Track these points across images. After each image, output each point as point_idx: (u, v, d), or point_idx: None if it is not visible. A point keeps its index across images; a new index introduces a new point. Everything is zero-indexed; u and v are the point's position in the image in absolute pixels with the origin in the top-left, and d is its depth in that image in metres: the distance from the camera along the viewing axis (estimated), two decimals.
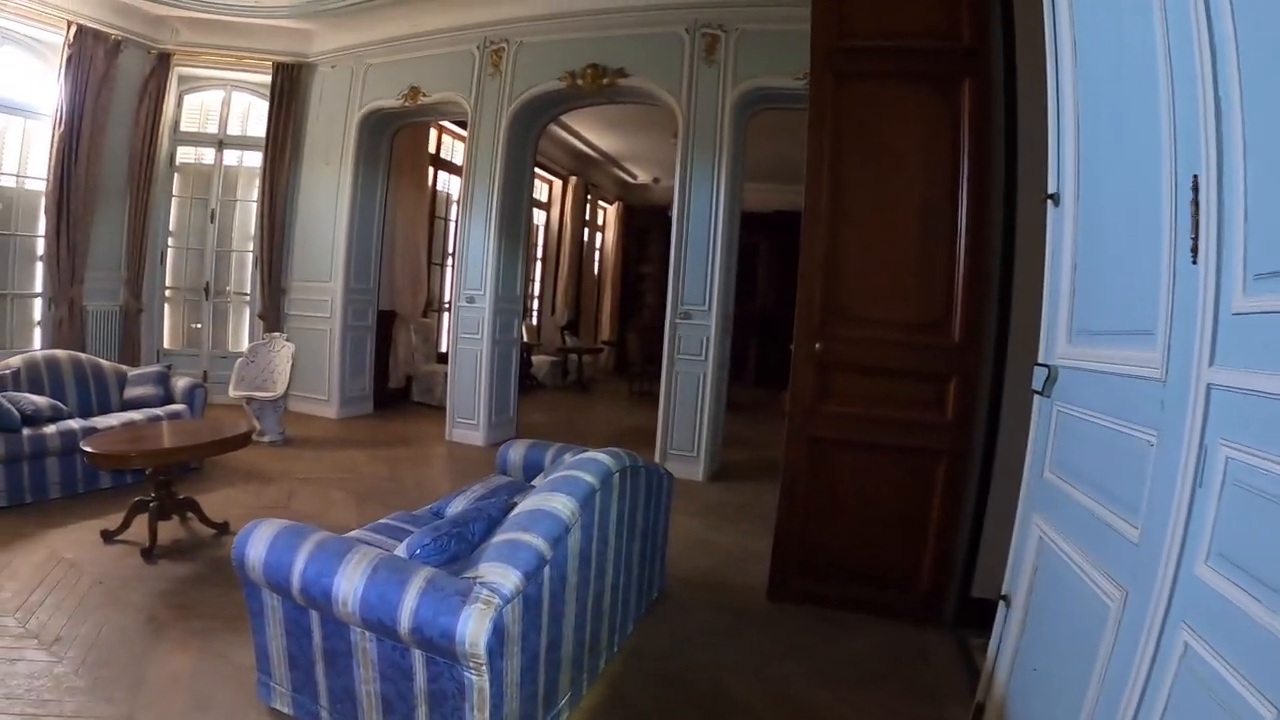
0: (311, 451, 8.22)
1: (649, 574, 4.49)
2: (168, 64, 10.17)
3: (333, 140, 10.08)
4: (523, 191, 9.28)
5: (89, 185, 9.39)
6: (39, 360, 6.93)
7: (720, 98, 7.66)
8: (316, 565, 2.91)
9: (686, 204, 7.78)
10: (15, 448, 5.82)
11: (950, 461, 4.48)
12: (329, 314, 10.10)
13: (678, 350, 7.83)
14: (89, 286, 9.63)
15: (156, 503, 5.27)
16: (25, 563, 4.81)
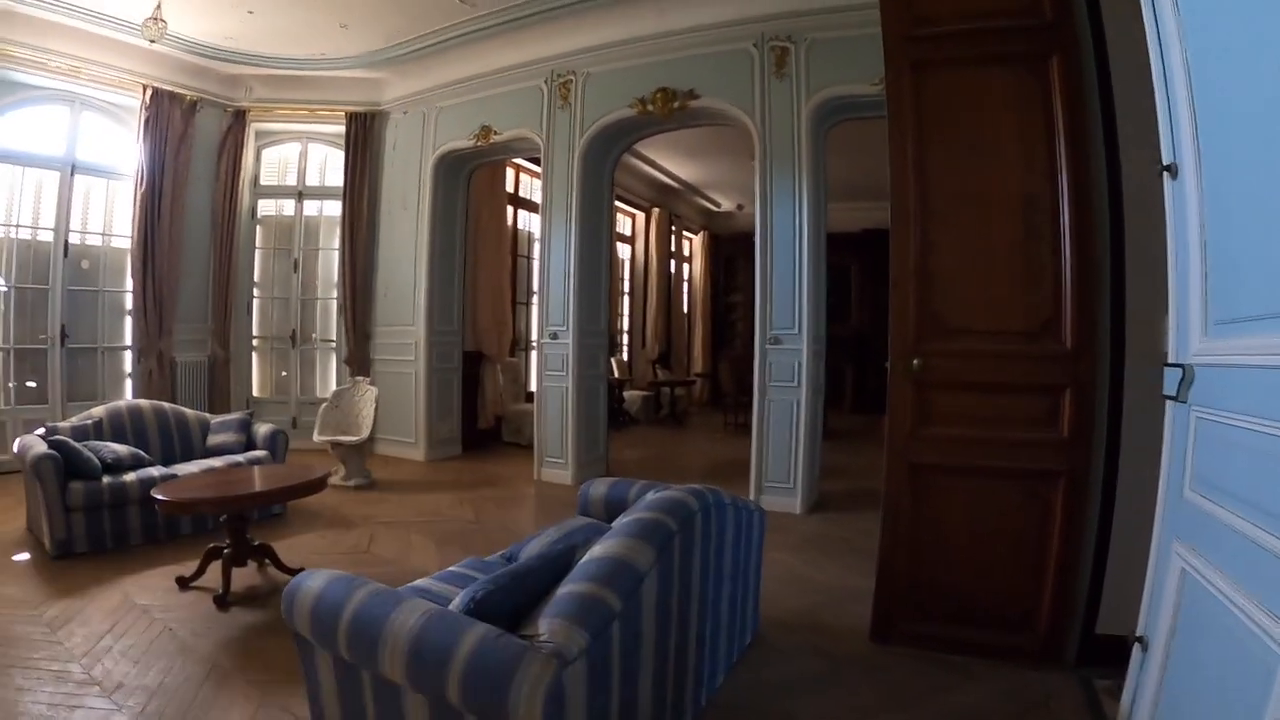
0: (396, 495, 8.08)
1: (740, 618, 4.10)
2: (244, 120, 10.37)
3: (409, 185, 10.07)
4: (602, 224, 9.06)
5: (173, 241, 9.63)
6: (122, 410, 7.03)
7: (795, 112, 7.31)
8: (364, 617, 2.64)
9: (769, 225, 7.45)
10: (95, 495, 5.89)
11: (1068, 483, 4.00)
12: (414, 357, 10.03)
13: (769, 378, 7.45)
14: (177, 338, 9.88)
15: (231, 549, 5.19)
16: (98, 609, 4.82)
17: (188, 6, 8.35)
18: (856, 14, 6.70)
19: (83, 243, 9.54)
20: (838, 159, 8.28)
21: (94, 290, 9.63)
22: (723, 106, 7.72)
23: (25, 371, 9.20)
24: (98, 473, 6.02)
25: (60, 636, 4.41)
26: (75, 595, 5.06)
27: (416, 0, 8.25)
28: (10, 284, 9.00)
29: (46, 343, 9.17)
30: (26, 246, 9.10)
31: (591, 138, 8.45)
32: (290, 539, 6.35)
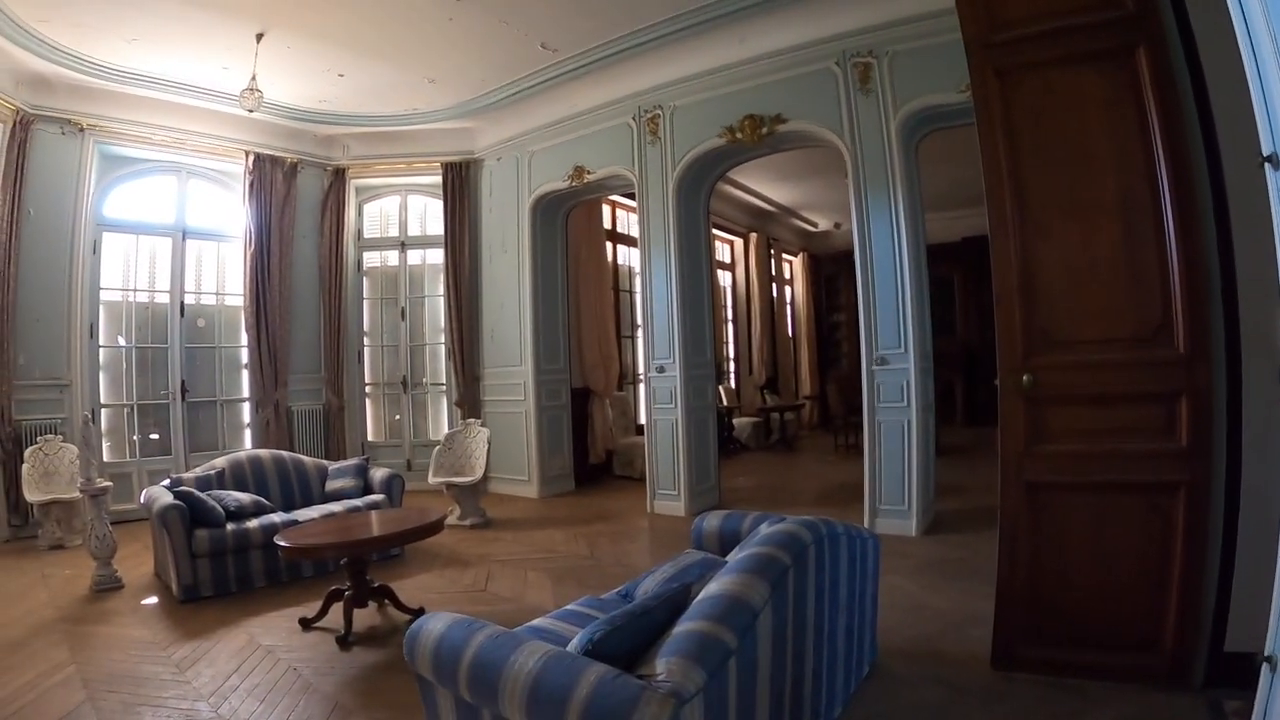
0: (511, 533, 8.19)
1: (857, 649, 4.00)
2: (344, 178, 10.83)
3: (508, 228, 10.28)
4: (701, 254, 9.05)
5: (283, 296, 10.08)
6: (243, 460, 7.33)
7: (884, 126, 7.19)
8: (484, 659, 2.70)
9: (867, 243, 7.33)
10: (220, 542, 6.20)
11: (1189, 495, 3.79)
12: (523, 396, 10.17)
13: (878, 399, 7.31)
14: (292, 388, 10.32)
15: (351, 590, 5.35)
16: (224, 650, 5.03)
17: (281, 75, 8.75)
18: (935, 22, 6.57)
19: (198, 302, 10.12)
20: (932, 169, 8.11)
21: (210, 346, 10.21)
22: (810, 128, 7.68)
23: (149, 425, 9.75)
24: (221, 520, 6.32)
25: (188, 676, 4.61)
26: (202, 637, 5.29)
27: (500, 50, 8.45)
28: (131, 342, 9.64)
29: (168, 398, 9.73)
30: (145, 308, 9.73)
31: (683, 170, 8.49)
32: (409, 579, 6.50)
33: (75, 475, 7.61)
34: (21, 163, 8.42)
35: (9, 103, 8.32)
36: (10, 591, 6.55)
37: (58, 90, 8.72)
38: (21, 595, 6.44)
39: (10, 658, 5.02)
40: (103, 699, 4.32)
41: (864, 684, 4.16)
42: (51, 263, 8.81)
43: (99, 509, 6.48)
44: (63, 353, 8.90)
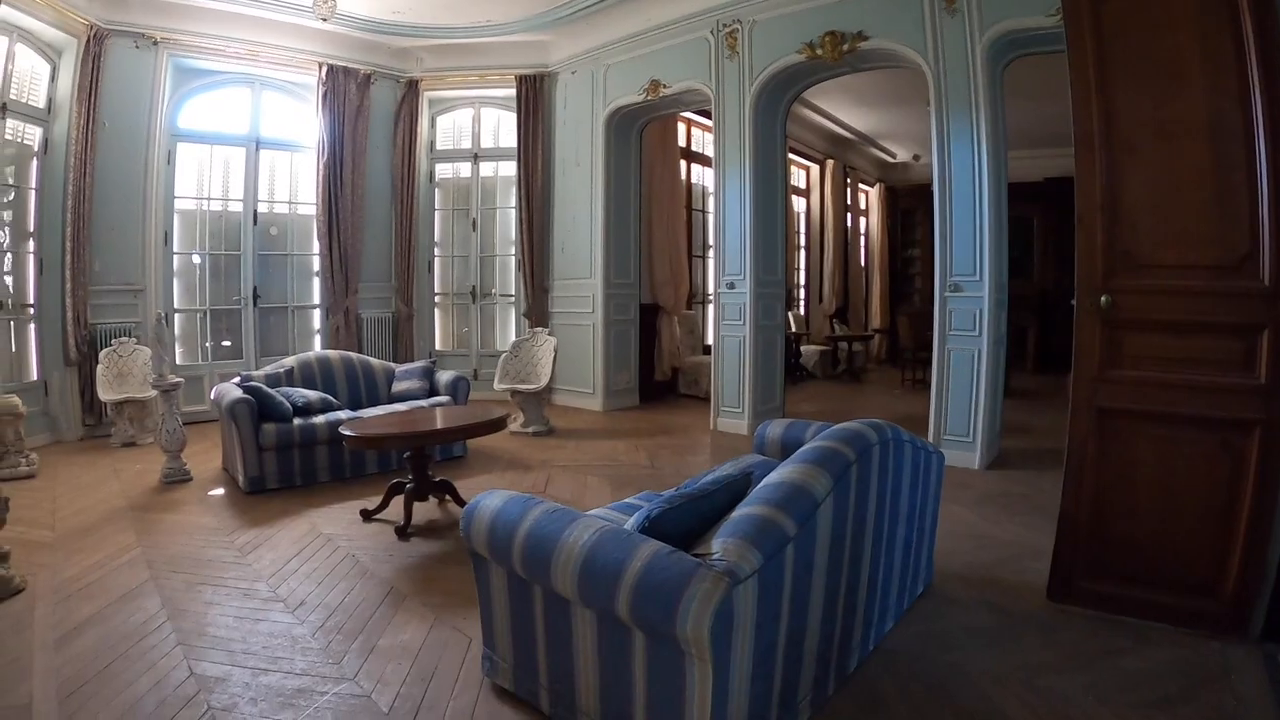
0: (573, 442, 8.27)
1: (913, 565, 3.95)
2: (417, 90, 10.78)
3: (581, 142, 10.18)
4: (776, 175, 8.88)
5: (355, 206, 10.16)
6: (311, 360, 7.54)
7: (969, 49, 6.86)
8: (538, 533, 2.74)
9: (947, 170, 7.07)
10: (286, 436, 6.42)
11: (1264, 435, 3.59)
12: (591, 310, 10.18)
13: (949, 327, 7.11)
14: (362, 296, 10.49)
15: (413, 484, 5.47)
16: (286, 537, 5.23)
17: None
18: None
19: (270, 211, 10.30)
20: (1016, 104, 7.80)
21: (283, 254, 10.40)
22: (893, 47, 7.37)
23: (221, 331, 10.05)
24: (289, 415, 6.51)
25: (249, 559, 4.79)
26: (265, 525, 5.49)
27: None
28: (205, 250, 9.90)
29: (240, 304, 9.98)
30: (218, 217, 9.94)
31: (761, 86, 8.28)
32: (470, 479, 6.64)
33: (148, 375, 7.86)
34: (96, 76, 8.53)
35: (82, 18, 8.40)
36: (83, 484, 6.78)
37: (131, 5, 8.82)
38: (94, 487, 6.66)
39: (80, 541, 5.23)
40: (165, 578, 4.49)
41: (918, 602, 4.13)
42: (126, 173, 8.98)
43: (170, 404, 6.70)
44: (137, 259, 9.13)
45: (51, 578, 4.58)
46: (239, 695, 3.18)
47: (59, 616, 4.02)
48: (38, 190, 8.43)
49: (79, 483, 6.81)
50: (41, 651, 3.62)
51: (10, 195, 8.31)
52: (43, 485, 6.74)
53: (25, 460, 7.01)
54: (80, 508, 6.04)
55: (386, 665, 3.43)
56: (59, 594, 4.33)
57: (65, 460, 7.67)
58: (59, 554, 5.01)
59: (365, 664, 3.44)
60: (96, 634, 3.78)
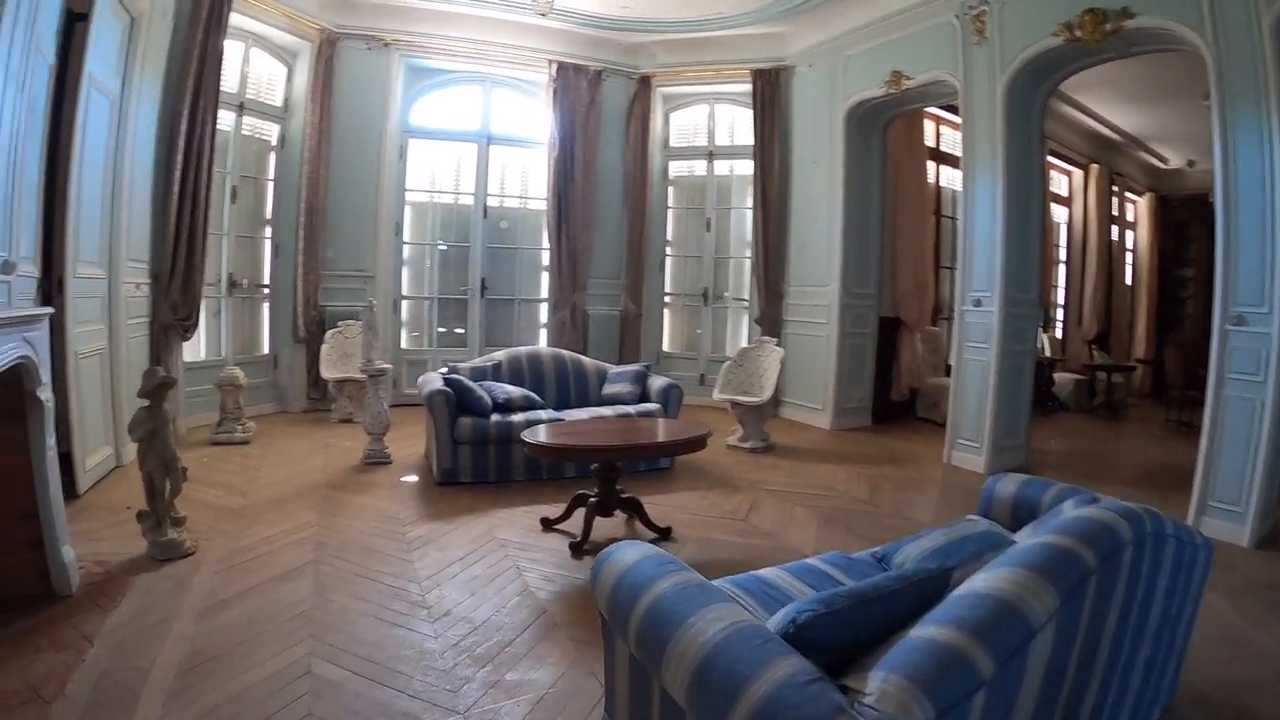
0: (791, 462, 7.63)
1: (1151, 689, 2.84)
2: (649, 86, 10.59)
3: (820, 140, 9.60)
4: (1032, 178, 7.82)
5: (585, 202, 10.09)
6: (522, 355, 7.42)
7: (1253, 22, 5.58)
8: (660, 611, 2.15)
9: (1231, 177, 5.79)
10: (482, 431, 6.28)
11: None
12: (826, 320, 9.50)
13: (1228, 367, 5.78)
14: (590, 293, 10.37)
15: (597, 498, 5.09)
16: (459, 536, 5.04)
17: None
18: None
19: (501, 205, 10.46)
20: None
21: (511, 247, 10.53)
22: (1163, 24, 6.24)
23: (449, 319, 10.33)
24: (487, 410, 6.39)
25: (414, 556, 4.62)
26: (443, 519, 5.35)
27: None
28: (435, 240, 10.25)
29: (467, 294, 10.19)
30: (449, 210, 10.31)
31: (1013, 75, 7.35)
32: (670, 494, 6.18)
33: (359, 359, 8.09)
34: (329, 77, 9.16)
35: (314, 24, 9.00)
36: (291, 455, 7.01)
37: (362, 10, 9.30)
38: (299, 460, 6.87)
39: (268, 512, 5.32)
40: (327, 563, 4.42)
41: None
42: (360, 167, 9.52)
43: (376, 389, 6.80)
44: (369, 248, 9.61)
45: (224, 546, 4.65)
46: (344, 707, 2.99)
47: (215, 585, 4.06)
48: (275, 181, 9.22)
49: (287, 454, 7.06)
50: (185, 618, 3.66)
51: (250, 186, 9.04)
52: (253, 452, 7.06)
53: (242, 428, 7.51)
54: (278, 479, 6.20)
55: (504, 703, 3.10)
56: (224, 563, 4.37)
57: (282, 430, 8.08)
58: (241, 522, 5.10)
59: (483, 698, 3.13)
60: (241, 611, 3.76)
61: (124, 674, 3.14)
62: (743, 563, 4.29)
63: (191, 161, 7.41)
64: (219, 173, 8.20)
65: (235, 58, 8.45)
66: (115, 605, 3.77)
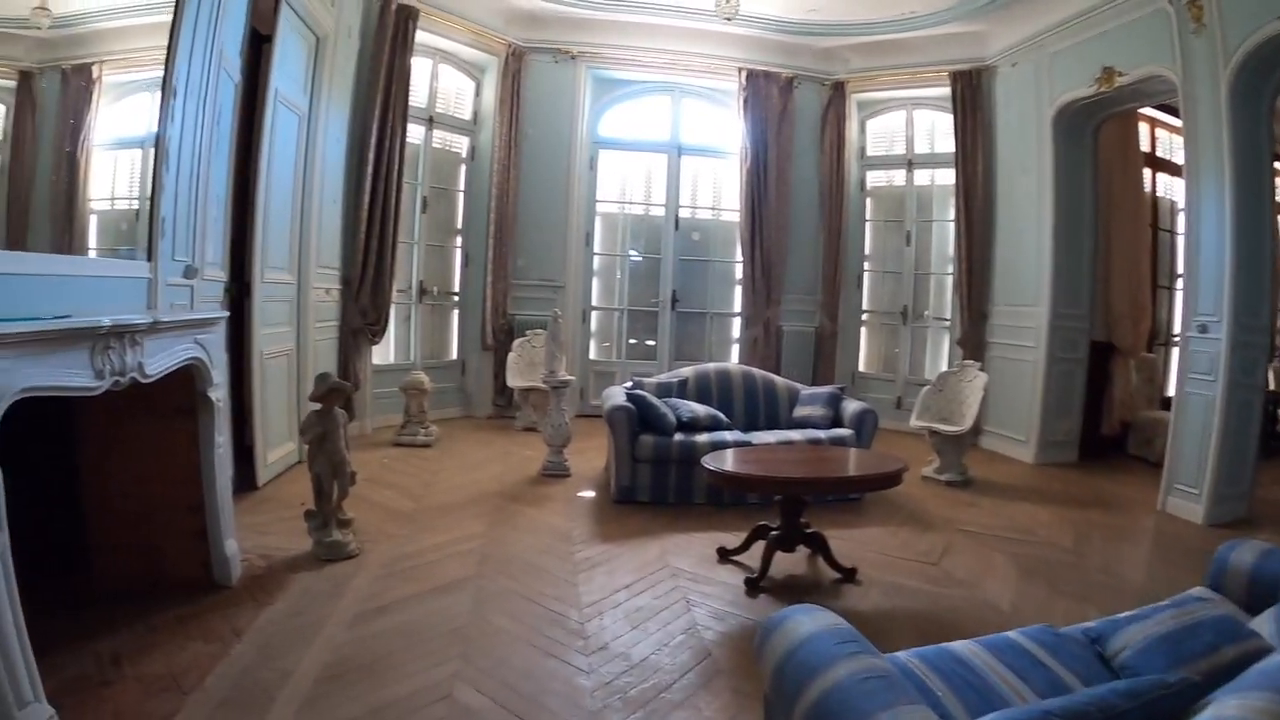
0: (989, 499, 6.89)
1: None
2: (843, 92, 10.20)
3: (1025, 145, 8.90)
4: (1261, 185, 6.80)
5: (779, 214, 9.82)
6: (710, 372, 7.14)
7: None
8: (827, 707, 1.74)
9: None
10: (664, 450, 6.03)
11: None
12: (1033, 343, 8.68)
13: None
14: (784, 308, 10.07)
15: (779, 532, 4.69)
16: (629, 560, 4.81)
17: None
18: None
19: (693, 217, 10.31)
20: None
21: (703, 260, 10.34)
22: None
23: (638, 331, 10.25)
24: (670, 429, 6.14)
25: (579, 580, 4.41)
26: (615, 541, 5.13)
27: None
28: (626, 252, 10.22)
29: (658, 306, 10.08)
30: (640, 220, 10.26)
31: (1238, 68, 6.42)
32: (858, 528, 5.68)
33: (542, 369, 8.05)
34: (517, 90, 9.35)
35: (501, 39, 9.22)
36: (470, 461, 7.06)
37: (548, 24, 9.42)
38: (478, 467, 6.90)
39: (437, 519, 5.32)
40: (489, 579, 4.31)
41: None
42: (549, 178, 9.65)
43: (559, 400, 6.73)
44: (558, 258, 9.71)
45: (389, 550, 4.65)
46: None
47: (373, 591, 4.03)
48: (465, 192, 9.56)
49: (466, 460, 7.11)
50: (336, 623, 3.65)
51: (441, 196, 9.39)
52: (433, 456, 7.17)
53: (425, 431, 7.71)
54: (453, 485, 6.23)
55: None
56: (385, 569, 4.36)
57: (465, 436, 8.20)
58: (409, 527, 5.10)
59: None
60: (394, 620, 3.70)
61: (265, 673, 3.13)
62: (932, 618, 3.97)
63: (381, 173, 7.75)
64: (409, 184, 8.58)
65: (424, 73, 8.82)
66: (271, 602, 3.83)
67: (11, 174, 3.54)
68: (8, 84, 3.42)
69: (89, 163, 4.00)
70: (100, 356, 2.92)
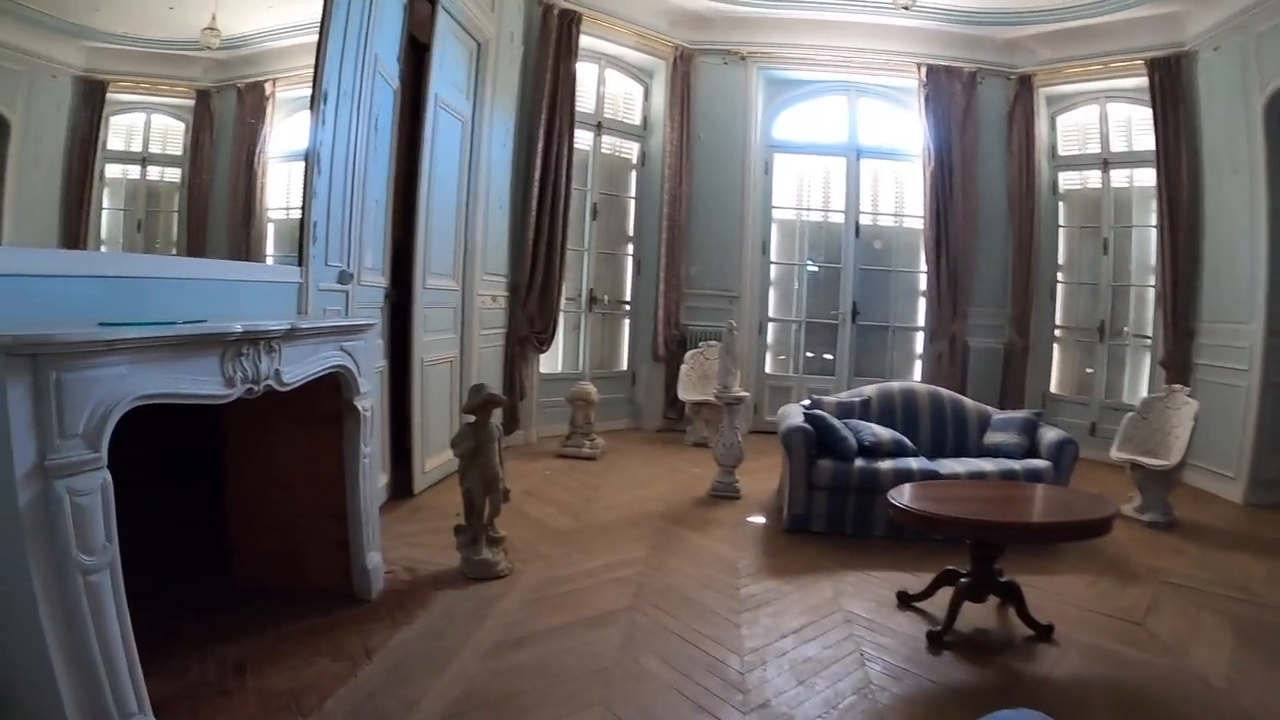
0: (1196, 545, 5.88)
1: None
2: (1030, 86, 9.42)
3: (1234, 141, 7.82)
4: None
5: (966, 220, 9.21)
6: (894, 392, 6.56)
7: None
8: None
9: None
10: (843, 477, 5.50)
11: None
12: (1245, 365, 7.59)
13: None
14: (971, 322, 9.39)
15: (969, 579, 4.12)
16: (799, 601, 4.31)
17: None
18: None
19: (874, 223, 9.79)
20: None
21: (885, 270, 9.81)
22: None
23: (817, 344, 9.79)
24: (851, 454, 5.61)
25: (741, 620, 3.99)
26: (784, 577, 4.67)
27: None
28: (804, 261, 9.82)
29: (838, 318, 9.60)
30: (819, 228, 9.83)
31: None
32: (1053, 575, 4.96)
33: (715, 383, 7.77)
34: (686, 94, 9.15)
35: (667, 41, 9.07)
36: (637, 477, 6.81)
37: (715, 25, 9.17)
38: (644, 483, 6.62)
39: (593, 539, 5.06)
40: (644, 612, 3.99)
41: None
42: (722, 183, 9.38)
43: (732, 418, 6.39)
44: (733, 266, 9.39)
45: (539, 572, 4.42)
46: None
47: (516, 618, 3.80)
48: (636, 198, 9.43)
49: (631, 475, 6.87)
50: (473, 651, 3.43)
51: (611, 203, 9.31)
52: (597, 470, 6.97)
53: (590, 443, 7.56)
54: (616, 502, 5.98)
55: None
56: (534, 593, 4.13)
57: (632, 449, 8.00)
58: (564, 548, 4.87)
59: None
60: (534, 653, 3.45)
61: (388, 701, 2.97)
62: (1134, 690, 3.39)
63: (549, 180, 7.71)
64: (578, 190, 8.50)
65: (590, 78, 8.76)
66: (408, 621, 3.70)
67: (191, 186, 3.87)
68: (186, 103, 3.77)
69: (265, 174, 4.25)
70: (231, 364, 2.85)
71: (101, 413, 2.27)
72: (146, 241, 3.80)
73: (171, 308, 3.07)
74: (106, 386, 2.28)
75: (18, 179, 2.92)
